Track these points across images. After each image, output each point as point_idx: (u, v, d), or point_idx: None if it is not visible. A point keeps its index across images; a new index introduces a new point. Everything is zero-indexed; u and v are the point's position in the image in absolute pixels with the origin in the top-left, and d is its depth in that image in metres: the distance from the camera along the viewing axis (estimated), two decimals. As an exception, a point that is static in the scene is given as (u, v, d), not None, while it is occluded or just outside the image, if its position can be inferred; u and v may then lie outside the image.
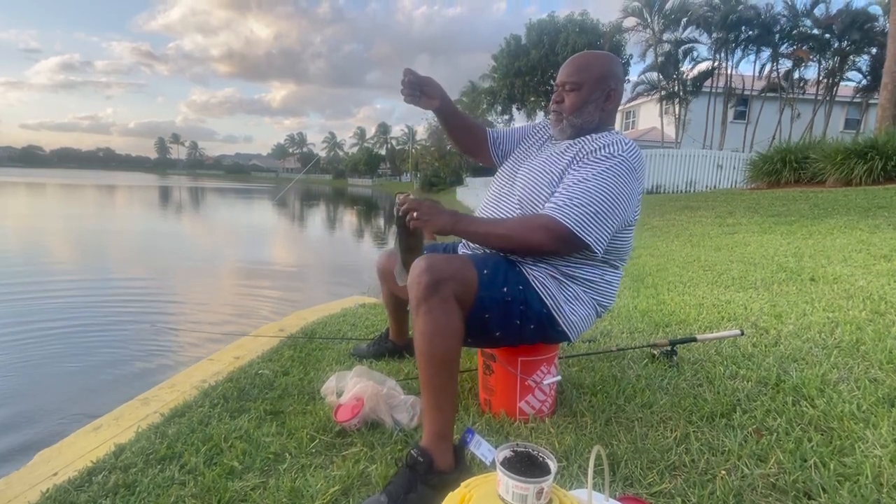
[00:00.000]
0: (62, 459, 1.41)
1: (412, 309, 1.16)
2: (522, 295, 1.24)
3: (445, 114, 1.52)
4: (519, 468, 0.76)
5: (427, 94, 1.41)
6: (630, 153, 1.27)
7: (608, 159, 1.25)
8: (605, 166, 1.24)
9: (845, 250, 3.55)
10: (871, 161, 7.22)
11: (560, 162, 1.32)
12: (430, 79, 1.41)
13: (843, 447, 1.19)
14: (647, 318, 2.41)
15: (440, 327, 1.13)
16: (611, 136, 1.32)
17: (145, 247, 8.77)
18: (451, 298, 1.13)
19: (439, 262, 1.16)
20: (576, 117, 1.36)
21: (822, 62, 20.54)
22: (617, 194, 1.23)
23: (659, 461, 1.19)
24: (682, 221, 6.47)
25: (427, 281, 1.12)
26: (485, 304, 1.20)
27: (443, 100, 1.45)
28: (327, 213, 20.67)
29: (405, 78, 1.38)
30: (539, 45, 22.48)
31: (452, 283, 1.14)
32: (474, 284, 1.19)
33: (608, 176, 1.23)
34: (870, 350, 1.75)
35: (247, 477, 1.21)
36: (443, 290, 1.12)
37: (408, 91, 1.38)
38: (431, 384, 1.14)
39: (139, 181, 51.39)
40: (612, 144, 1.28)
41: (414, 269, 1.16)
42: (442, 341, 1.13)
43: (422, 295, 1.12)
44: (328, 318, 2.73)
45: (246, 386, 1.75)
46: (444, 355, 1.14)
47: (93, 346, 3.32)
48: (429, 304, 1.12)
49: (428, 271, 1.13)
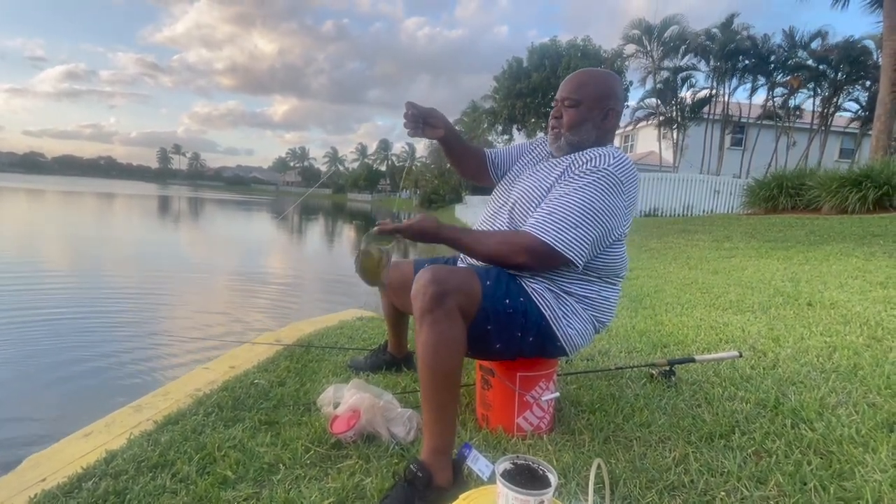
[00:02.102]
0: (51, 465, 1.38)
1: (416, 320, 1.15)
2: (523, 307, 1.24)
3: (449, 142, 1.53)
4: (519, 481, 0.76)
5: (431, 124, 1.43)
6: (616, 167, 1.26)
7: (592, 173, 1.25)
8: (587, 180, 1.24)
9: (841, 276, 3.57)
10: (865, 190, 7.31)
11: (550, 177, 1.34)
12: (433, 110, 1.42)
13: (843, 471, 1.18)
14: (646, 338, 2.41)
15: (444, 339, 1.12)
16: (600, 150, 1.31)
17: (141, 256, 8.74)
18: (455, 310, 1.13)
19: (444, 273, 1.16)
20: (573, 134, 1.37)
21: (818, 92, 20.95)
22: (598, 208, 1.22)
23: (658, 481, 1.18)
24: (680, 244, 6.51)
25: (433, 292, 1.11)
26: (488, 316, 1.20)
27: (446, 129, 1.47)
28: (326, 228, 20.69)
29: (408, 111, 1.38)
30: (540, 68, 22.87)
31: (457, 295, 1.14)
32: (478, 296, 1.19)
33: (590, 190, 1.23)
34: (868, 375, 1.75)
35: (240, 487, 1.19)
36: (448, 302, 1.12)
37: (411, 125, 1.39)
38: (433, 397, 1.13)
39: (140, 190, 51.47)
40: (598, 158, 1.27)
41: (419, 279, 1.15)
42: (446, 353, 1.12)
43: (427, 306, 1.12)
44: (325, 330, 2.72)
45: (241, 395, 1.73)
46: (447, 368, 1.13)
47: (86, 353, 3.29)
48: (434, 316, 1.11)
49: (434, 282, 1.12)
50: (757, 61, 20.46)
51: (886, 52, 10.32)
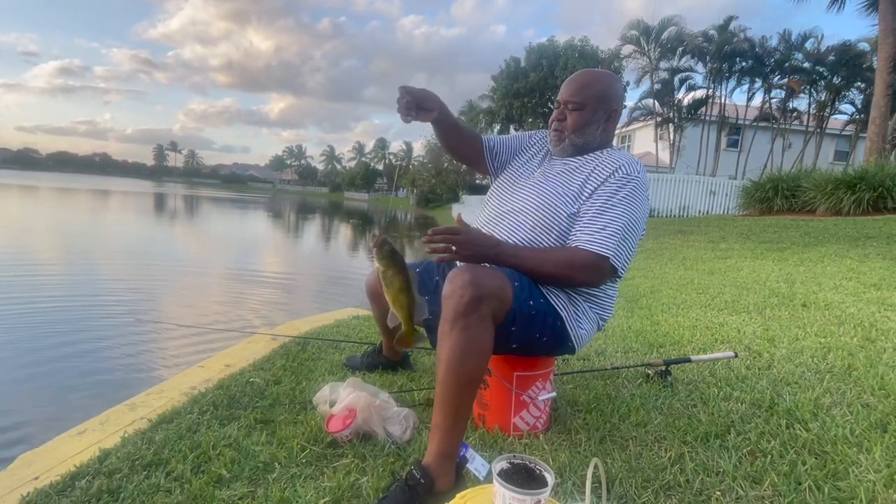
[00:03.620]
0: (44, 463, 1.37)
1: (446, 321, 1.09)
2: (543, 308, 1.24)
3: (443, 124, 1.47)
4: (516, 480, 0.76)
5: (424, 107, 1.37)
6: (642, 173, 1.32)
7: (627, 182, 1.28)
8: (626, 191, 1.27)
9: (836, 278, 3.60)
10: (859, 192, 7.36)
11: (573, 181, 1.33)
12: (425, 91, 1.38)
13: (838, 471, 1.19)
14: (642, 338, 2.42)
15: (475, 345, 1.08)
16: (620, 154, 1.35)
17: (136, 253, 8.70)
18: (489, 316, 1.09)
19: (483, 276, 1.10)
20: (578, 136, 1.37)
21: (814, 95, 21.08)
22: (638, 217, 1.28)
23: (653, 481, 1.18)
24: (676, 245, 6.53)
25: (471, 296, 1.06)
26: (515, 318, 1.18)
27: (440, 111, 1.41)
28: (323, 227, 20.65)
29: (401, 97, 1.33)
30: (538, 68, 22.90)
31: (492, 300, 1.10)
32: (510, 301, 1.15)
33: (630, 200, 1.27)
34: (862, 376, 1.76)
35: (235, 486, 1.18)
36: (483, 308, 1.08)
37: (403, 111, 1.34)
38: (451, 402, 1.10)
39: (135, 187, 51.22)
40: (628, 165, 1.31)
41: (455, 279, 1.09)
42: (474, 360, 1.09)
43: (462, 310, 1.07)
44: (322, 329, 2.71)
45: (236, 394, 1.73)
46: (472, 374, 1.10)
47: (79, 350, 3.27)
48: (467, 321, 1.07)
49: (473, 285, 1.07)
50: (754, 63, 20.56)
51: (882, 54, 10.40)
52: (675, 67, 22.13)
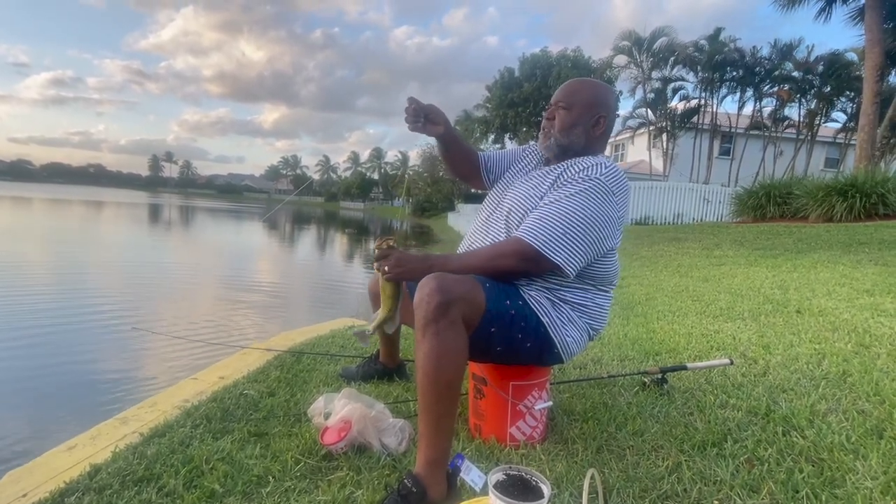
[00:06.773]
0: (33, 480, 1.34)
1: (418, 329, 1.12)
2: (522, 311, 1.25)
3: (447, 140, 1.53)
4: (512, 492, 0.75)
5: (431, 120, 1.42)
6: (608, 177, 1.28)
7: (584, 182, 1.27)
8: (580, 188, 1.26)
9: (829, 284, 3.61)
10: (851, 199, 7.44)
11: (543, 184, 1.35)
12: (433, 106, 1.43)
13: (834, 478, 1.18)
14: (638, 346, 2.41)
15: (447, 350, 1.10)
16: (594, 159, 1.34)
17: (128, 265, 8.64)
18: (459, 320, 1.11)
19: (450, 281, 1.13)
20: (563, 136, 1.39)
21: (804, 103, 21.35)
22: (589, 216, 1.24)
23: (651, 490, 1.17)
24: (671, 252, 6.56)
25: (438, 302, 1.09)
26: (492, 318, 1.19)
27: (446, 126, 1.46)
28: (318, 236, 20.60)
29: (409, 106, 1.39)
30: (532, 78, 23.11)
31: (462, 304, 1.12)
32: (482, 305, 1.17)
33: (582, 198, 1.25)
34: (857, 382, 1.76)
35: (228, 501, 1.16)
36: (452, 312, 1.10)
37: (411, 119, 1.39)
38: (433, 409, 1.11)
39: (131, 198, 51.01)
40: (592, 167, 1.29)
41: (423, 287, 1.12)
42: (448, 364, 1.10)
43: (431, 316, 1.09)
44: (317, 340, 2.69)
45: (230, 406, 1.71)
46: (448, 378, 1.11)
47: (71, 363, 3.23)
48: (437, 326, 1.09)
49: (439, 291, 1.09)
50: (744, 73, 20.83)
51: (868, 64, 10.57)
52: (668, 77, 22.39)
